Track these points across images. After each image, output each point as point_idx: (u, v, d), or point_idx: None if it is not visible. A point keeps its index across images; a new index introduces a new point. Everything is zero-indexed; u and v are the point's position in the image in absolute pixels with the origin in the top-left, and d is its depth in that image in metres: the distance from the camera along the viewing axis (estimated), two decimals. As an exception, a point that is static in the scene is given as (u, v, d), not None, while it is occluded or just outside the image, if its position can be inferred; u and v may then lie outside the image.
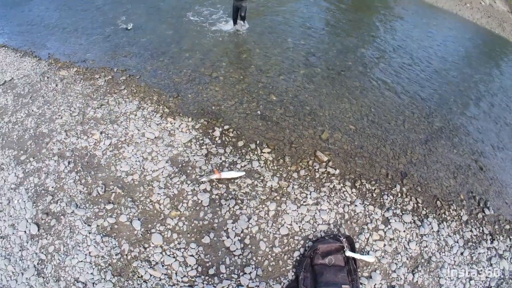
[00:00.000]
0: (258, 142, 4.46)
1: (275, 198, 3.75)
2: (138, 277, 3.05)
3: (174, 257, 3.18)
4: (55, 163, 4.16)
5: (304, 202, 3.74)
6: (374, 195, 3.96)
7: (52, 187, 3.86)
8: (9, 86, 6.49)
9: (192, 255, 3.21)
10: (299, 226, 3.53)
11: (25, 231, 3.47)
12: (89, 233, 3.35)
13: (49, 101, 5.53)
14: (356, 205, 3.79)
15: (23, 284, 3.08)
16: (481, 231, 3.97)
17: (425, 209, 3.97)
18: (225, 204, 3.60)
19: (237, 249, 3.30)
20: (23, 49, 9.08)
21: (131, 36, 8.15)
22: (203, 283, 3.06)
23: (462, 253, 3.67)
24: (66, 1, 15.54)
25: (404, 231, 3.68)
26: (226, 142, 4.44)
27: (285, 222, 3.54)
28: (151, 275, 3.06)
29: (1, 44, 9.99)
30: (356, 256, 3.28)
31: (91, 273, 3.09)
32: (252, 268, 3.20)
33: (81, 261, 3.16)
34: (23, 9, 16.23)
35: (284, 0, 11.66)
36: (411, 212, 3.88)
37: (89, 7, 13.35)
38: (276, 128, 4.80)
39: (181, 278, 3.08)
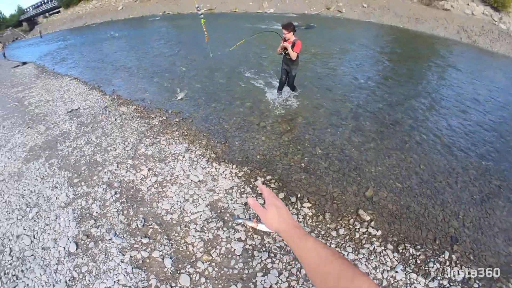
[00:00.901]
0: (299, 195, 4.50)
1: (310, 256, 3.70)
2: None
3: (198, 301, 3.26)
4: (103, 191, 4.54)
5: (340, 263, 3.62)
6: (418, 262, 3.67)
7: (96, 213, 4.19)
8: (75, 114, 7.28)
9: (215, 303, 3.27)
10: (332, 288, 3.41)
11: (64, 248, 3.74)
12: (122, 262, 3.54)
13: (107, 133, 6.13)
14: (396, 271, 3.52)
15: (51, 296, 3.28)
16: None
17: (477, 281, 3.56)
18: (258, 255, 3.65)
19: (262, 304, 3.28)
20: (92, 83, 10.17)
21: (188, 82, 8.90)
22: (222, 334, 3.08)
23: None
24: (132, 45, 17.46)
25: (450, 306, 3.34)
26: (267, 193, 4.55)
27: (317, 282, 3.46)
28: (172, 316, 3.15)
29: (75, 76, 11.34)
30: None
31: (116, 301, 3.24)
32: (274, 327, 3.16)
33: (109, 287, 3.34)
34: (96, 48, 18.40)
35: (333, 51, 12.25)
36: (460, 284, 3.50)
37: (151, 51, 14.88)
38: (319, 182, 4.79)
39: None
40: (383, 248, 3.79)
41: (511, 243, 4.07)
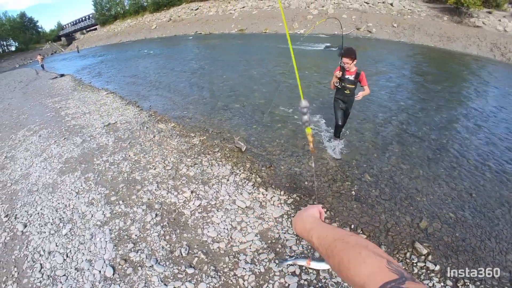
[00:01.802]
0: (352, 226, 4.19)
1: (368, 292, 3.36)
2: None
3: None
4: (142, 212, 4.31)
5: (400, 300, 3.27)
6: None
7: (136, 236, 3.95)
8: (112, 128, 7.23)
9: None
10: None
11: (100, 271, 3.50)
12: (164, 293, 3.27)
13: (145, 150, 5.99)
14: None
15: (85, 325, 3.02)
16: None
17: None
18: (313, 292, 3.32)
19: None
20: (129, 98, 10.24)
21: (226, 101, 8.79)
22: None
23: None
24: (167, 62, 17.78)
25: None
26: (319, 223, 4.22)
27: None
28: None
29: (112, 91, 11.51)
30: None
31: (157, 337, 2.94)
32: None
33: (150, 322, 3.06)
34: (131, 64, 18.87)
35: (368, 73, 11.90)
36: None
37: (186, 69, 15.04)
38: (371, 212, 4.49)
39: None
40: (442, 284, 3.45)
41: None
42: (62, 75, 18.20)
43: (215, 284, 3.31)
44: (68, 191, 5.03)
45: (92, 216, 4.35)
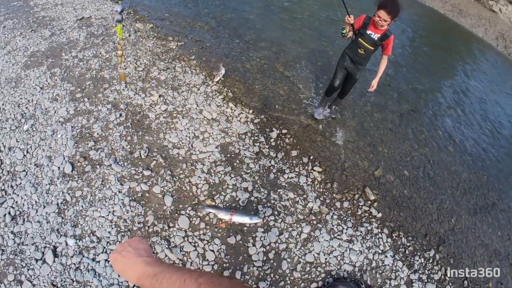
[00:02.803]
0: (311, 157, 4.35)
1: (311, 222, 3.62)
2: (153, 252, 3.04)
3: (194, 246, 3.13)
4: (107, 111, 4.27)
5: (338, 235, 3.60)
6: (407, 252, 3.76)
7: (97, 134, 3.96)
8: (86, 23, 6.82)
9: (213, 250, 3.15)
10: (326, 259, 3.38)
11: (59, 167, 3.56)
12: (119, 192, 3.39)
13: (118, 49, 5.75)
14: (386, 256, 3.59)
15: (41, 217, 3.14)
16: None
17: (450, 284, 3.67)
18: (262, 210, 3.51)
19: (258, 260, 3.20)
20: (108, -8, 9.47)
21: (214, 11, 8.30)
22: (214, 283, 2.99)
23: None
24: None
25: (424, 300, 3.48)
26: (280, 147, 4.36)
27: (313, 249, 3.40)
28: (166, 256, 3.04)
29: (89, -20, 10.60)
30: None
31: (109, 232, 3.10)
32: (267, 284, 3.08)
33: (103, 217, 3.19)
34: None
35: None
36: (436, 283, 3.60)
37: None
38: (333, 148, 4.71)
39: (195, 269, 3.03)
40: (379, 230, 3.84)
41: (486, 258, 4.18)
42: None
43: (169, 188, 3.45)
44: (32, 86, 4.85)
45: (55, 113, 4.28)
